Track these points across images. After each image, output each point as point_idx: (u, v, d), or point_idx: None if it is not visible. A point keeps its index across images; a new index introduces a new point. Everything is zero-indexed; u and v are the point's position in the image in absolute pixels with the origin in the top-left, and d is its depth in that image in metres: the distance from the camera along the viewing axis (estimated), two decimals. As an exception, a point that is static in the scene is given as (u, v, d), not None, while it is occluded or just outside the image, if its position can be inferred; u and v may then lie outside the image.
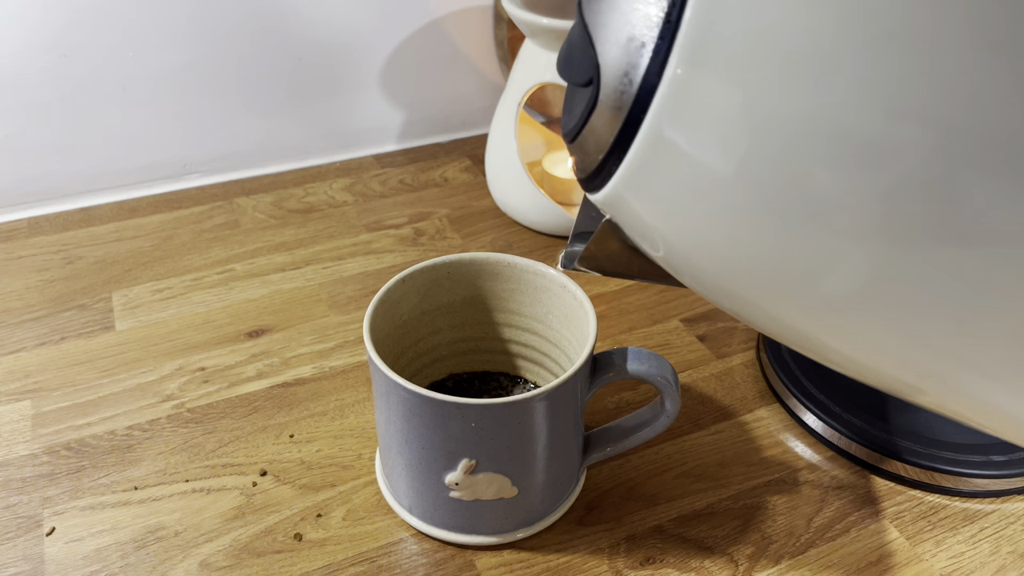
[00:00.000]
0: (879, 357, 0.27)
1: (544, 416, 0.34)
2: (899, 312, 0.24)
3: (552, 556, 0.38)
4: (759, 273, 0.25)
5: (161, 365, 0.48)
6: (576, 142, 0.27)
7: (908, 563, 0.38)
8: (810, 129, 0.22)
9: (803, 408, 0.45)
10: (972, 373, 0.26)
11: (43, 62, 0.58)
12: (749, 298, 0.27)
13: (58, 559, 0.38)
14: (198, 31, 0.61)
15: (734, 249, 0.25)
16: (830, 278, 0.24)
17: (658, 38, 0.22)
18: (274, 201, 0.64)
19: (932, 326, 0.24)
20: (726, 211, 0.24)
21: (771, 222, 0.24)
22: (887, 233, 0.23)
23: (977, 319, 0.24)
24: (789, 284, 0.25)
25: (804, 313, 0.26)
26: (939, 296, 0.23)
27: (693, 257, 0.27)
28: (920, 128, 0.21)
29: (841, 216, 0.23)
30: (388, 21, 0.67)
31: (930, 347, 0.25)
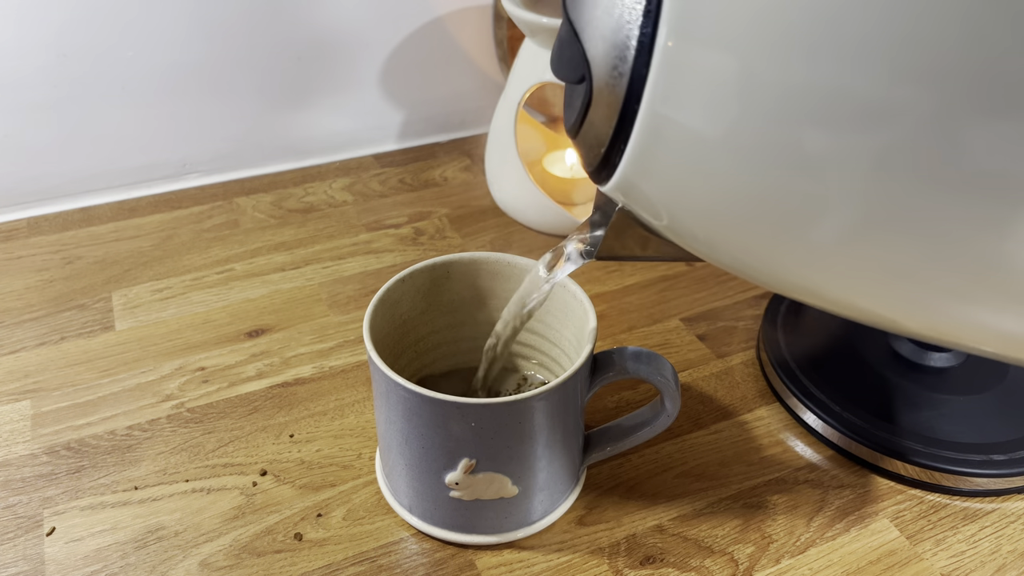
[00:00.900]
0: (868, 295, 0.28)
1: (544, 416, 0.34)
2: (885, 250, 0.25)
3: (552, 556, 0.38)
4: (762, 228, 0.26)
5: (161, 365, 0.48)
6: (579, 137, 0.27)
7: (908, 562, 0.38)
8: (795, 92, 0.23)
9: (803, 407, 0.45)
10: (952, 299, 0.27)
11: (42, 62, 0.58)
12: (758, 254, 0.28)
13: (58, 559, 0.38)
14: (198, 31, 0.61)
15: (740, 210, 0.26)
16: (827, 226, 0.25)
17: (641, 28, 0.23)
18: (274, 201, 0.64)
19: (914, 260, 0.26)
20: (730, 177, 0.25)
21: (770, 181, 0.24)
22: (875, 184, 0.24)
23: (957, 251, 0.25)
24: (795, 235, 0.26)
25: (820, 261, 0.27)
26: (922, 235, 0.25)
27: (705, 226, 0.27)
28: (910, 85, 0.22)
29: (830, 171, 0.24)
30: (387, 20, 0.67)
31: (914, 280, 0.27)
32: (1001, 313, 0.27)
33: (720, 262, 0.30)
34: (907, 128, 0.22)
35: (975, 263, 0.25)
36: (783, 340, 0.48)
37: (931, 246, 0.25)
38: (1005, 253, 0.24)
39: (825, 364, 0.46)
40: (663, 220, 0.28)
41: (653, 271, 0.57)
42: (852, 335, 0.48)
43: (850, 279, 0.27)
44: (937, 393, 0.45)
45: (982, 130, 0.22)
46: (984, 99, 0.22)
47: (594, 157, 0.27)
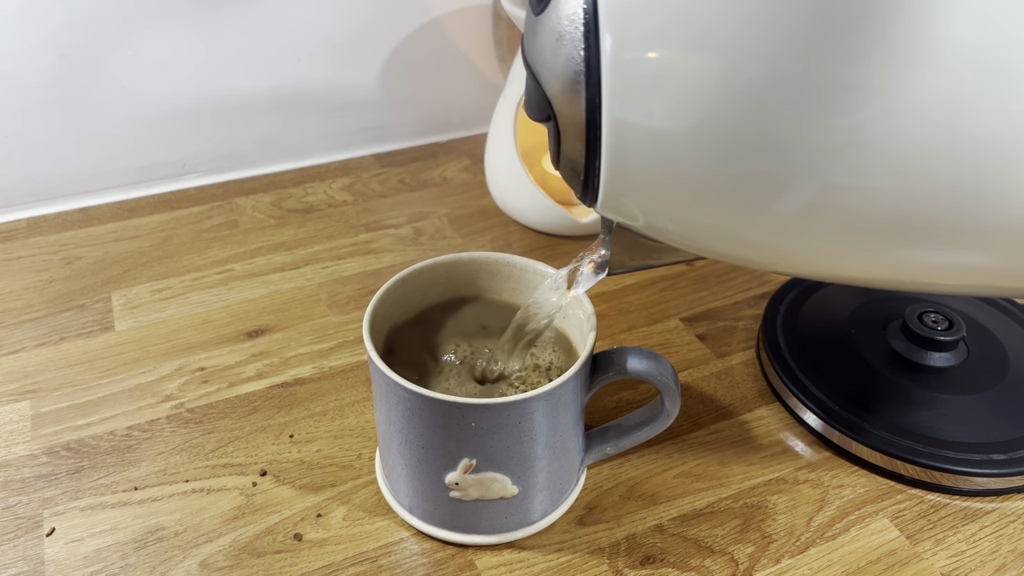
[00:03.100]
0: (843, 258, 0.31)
1: (544, 416, 0.34)
2: (847, 220, 0.28)
3: (552, 556, 0.38)
4: (734, 212, 0.29)
5: (160, 365, 0.48)
6: (560, 169, 0.30)
7: (908, 562, 0.38)
8: (741, 82, 0.25)
9: (803, 407, 0.45)
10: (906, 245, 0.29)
11: (42, 62, 0.58)
12: (739, 238, 0.30)
13: (58, 560, 0.38)
14: (197, 31, 0.61)
15: (711, 197, 0.28)
16: (788, 200, 0.28)
17: (584, 61, 0.26)
18: (273, 201, 0.64)
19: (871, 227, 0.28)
20: (695, 169, 0.27)
21: (732, 166, 0.27)
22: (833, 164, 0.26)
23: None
24: (763, 212, 0.29)
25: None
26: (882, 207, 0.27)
27: (687, 222, 0.30)
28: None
29: (780, 152, 0.26)
30: (387, 20, 0.67)
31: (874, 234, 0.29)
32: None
33: (713, 253, 0.32)
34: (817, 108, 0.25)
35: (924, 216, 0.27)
36: (783, 340, 0.48)
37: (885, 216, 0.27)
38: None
39: (825, 364, 0.46)
40: (649, 225, 0.30)
41: (652, 271, 0.57)
42: (852, 335, 0.48)
43: (817, 241, 0.29)
44: (937, 393, 0.45)
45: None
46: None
47: (577, 185, 0.30)
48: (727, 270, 0.57)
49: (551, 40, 0.27)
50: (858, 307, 0.50)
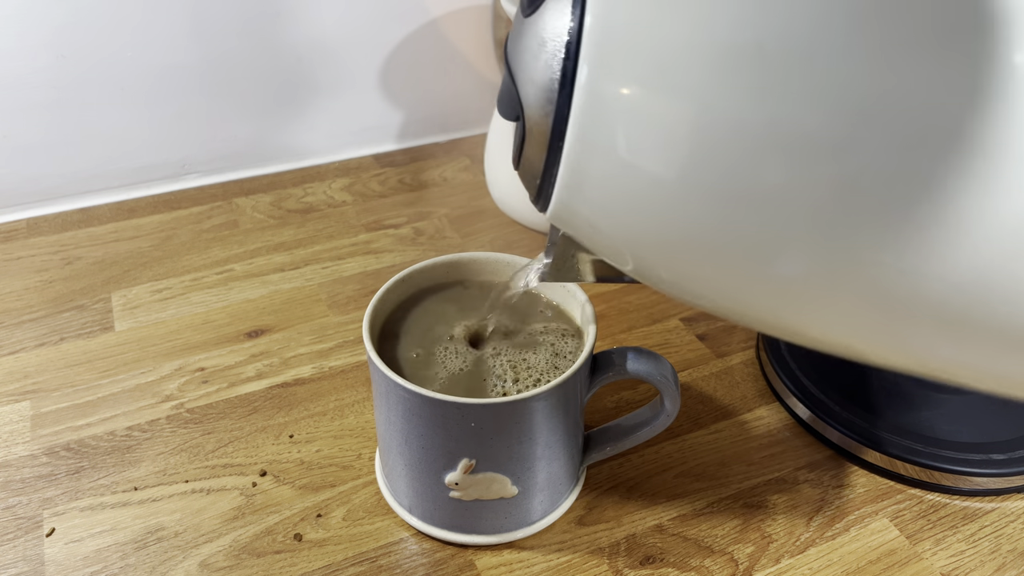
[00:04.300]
0: (826, 328, 0.30)
1: (544, 416, 0.34)
2: (841, 289, 0.28)
3: (552, 556, 0.38)
4: (683, 251, 0.29)
5: (160, 365, 0.48)
6: (519, 169, 0.31)
7: (908, 562, 0.38)
8: (706, 127, 0.25)
9: (803, 407, 0.45)
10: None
11: (41, 62, 0.58)
12: (681, 274, 0.30)
13: (58, 560, 0.38)
14: (197, 31, 0.61)
15: (661, 232, 0.28)
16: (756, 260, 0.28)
17: (562, 72, 0.26)
18: (273, 201, 0.64)
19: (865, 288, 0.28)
20: (649, 202, 0.28)
21: (686, 208, 0.27)
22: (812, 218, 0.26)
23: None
24: (708, 256, 0.29)
25: (748, 290, 0.30)
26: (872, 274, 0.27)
27: (632, 247, 0.30)
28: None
29: (740, 203, 0.26)
30: (387, 20, 0.67)
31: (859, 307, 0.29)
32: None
33: (653, 283, 0.33)
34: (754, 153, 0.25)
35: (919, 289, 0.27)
36: (783, 340, 0.48)
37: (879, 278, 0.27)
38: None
39: (825, 364, 0.46)
40: (595, 243, 0.31)
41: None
42: (852, 335, 0.48)
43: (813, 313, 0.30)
44: (937, 393, 0.45)
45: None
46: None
47: (532, 188, 0.30)
48: (727, 270, 0.57)
49: (534, 44, 0.27)
50: (858, 307, 0.50)
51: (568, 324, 0.39)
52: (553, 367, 0.36)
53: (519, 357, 0.37)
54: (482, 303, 0.40)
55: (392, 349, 0.37)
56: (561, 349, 0.37)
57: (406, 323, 0.39)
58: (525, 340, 0.38)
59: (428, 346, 0.37)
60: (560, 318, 0.39)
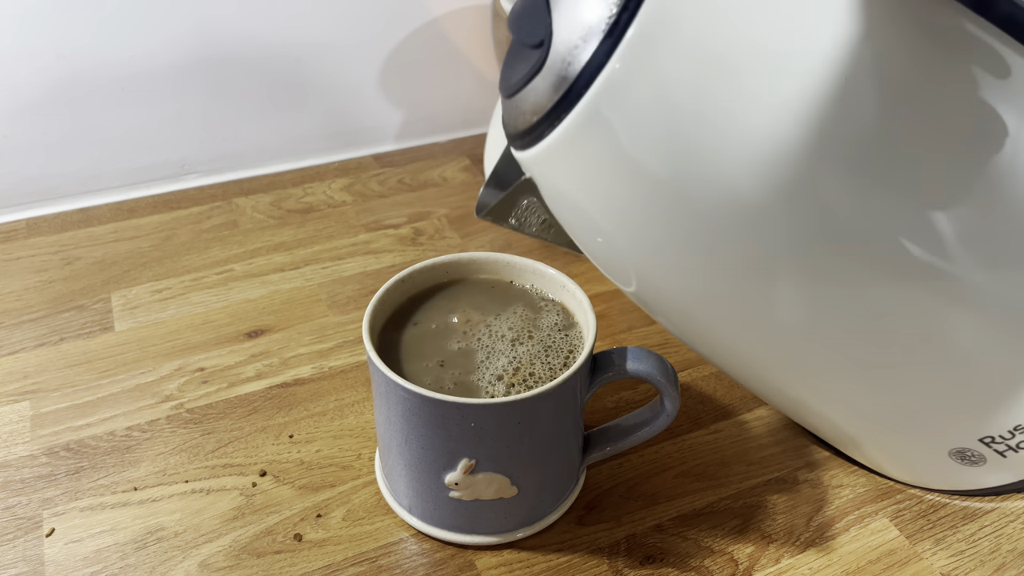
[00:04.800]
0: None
1: (544, 416, 0.34)
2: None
3: (552, 556, 0.38)
4: (655, 246, 0.28)
5: (160, 366, 0.48)
6: (513, 99, 0.28)
7: (908, 561, 0.38)
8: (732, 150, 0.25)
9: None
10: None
11: (41, 62, 0.58)
12: (643, 266, 0.30)
13: (58, 560, 0.38)
14: (197, 31, 0.61)
15: (637, 222, 0.27)
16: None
17: (612, 23, 0.24)
18: (273, 201, 0.64)
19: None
20: (639, 201, 0.26)
21: (670, 211, 0.27)
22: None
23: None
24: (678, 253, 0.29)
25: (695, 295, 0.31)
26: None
27: (604, 222, 0.29)
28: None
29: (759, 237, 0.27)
30: (386, 20, 0.67)
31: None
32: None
33: (607, 266, 0.31)
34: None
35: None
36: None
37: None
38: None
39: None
40: (562, 203, 0.29)
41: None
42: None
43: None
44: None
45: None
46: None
47: (523, 123, 0.27)
48: (727, 270, 0.57)
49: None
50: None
51: (568, 324, 0.39)
52: (553, 367, 0.36)
53: (519, 357, 0.37)
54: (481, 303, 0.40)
55: (392, 349, 0.37)
56: (561, 349, 0.37)
57: (406, 323, 0.38)
58: (525, 340, 0.38)
59: (428, 346, 0.37)
60: (560, 317, 0.39)
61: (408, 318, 0.39)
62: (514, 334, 0.38)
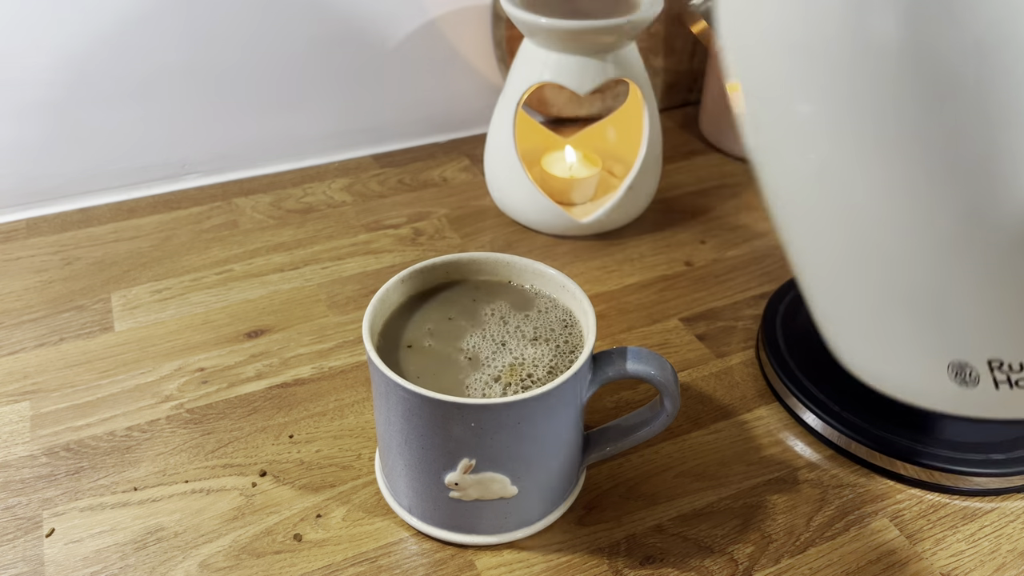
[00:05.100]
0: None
1: (544, 416, 0.34)
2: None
3: (552, 556, 0.38)
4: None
5: (160, 366, 0.48)
6: None
7: (908, 561, 0.38)
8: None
9: (802, 407, 0.45)
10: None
11: (41, 63, 0.58)
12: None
13: (58, 560, 0.38)
14: (196, 31, 0.61)
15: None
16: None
17: None
18: (272, 201, 0.64)
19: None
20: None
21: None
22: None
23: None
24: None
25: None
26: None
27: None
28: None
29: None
30: (386, 20, 0.67)
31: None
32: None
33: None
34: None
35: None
36: (782, 339, 0.48)
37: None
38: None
39: (825, 364, 0.46)
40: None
41: (652, 271, 0.57)
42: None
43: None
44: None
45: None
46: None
47: None
48: (727, 270, 0.57)
49: None
50: (857, 307, 0.50)
51: (568, 324, 0.39)
52: (553, 367, 0.36)
53: (519, 357, 0.37)
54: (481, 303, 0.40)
55: (392, 349, 0.37)
56: (561, 349, 0.37)
57: (406, 323, 0.38)
58: (525, 340, 0.38)
59: (428, 346, 0.37)
60: (560, 318, 0.39)
61: (408, 318, 0.39)
62: (514, 334, 0.38)
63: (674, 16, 0.72)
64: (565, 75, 0.54)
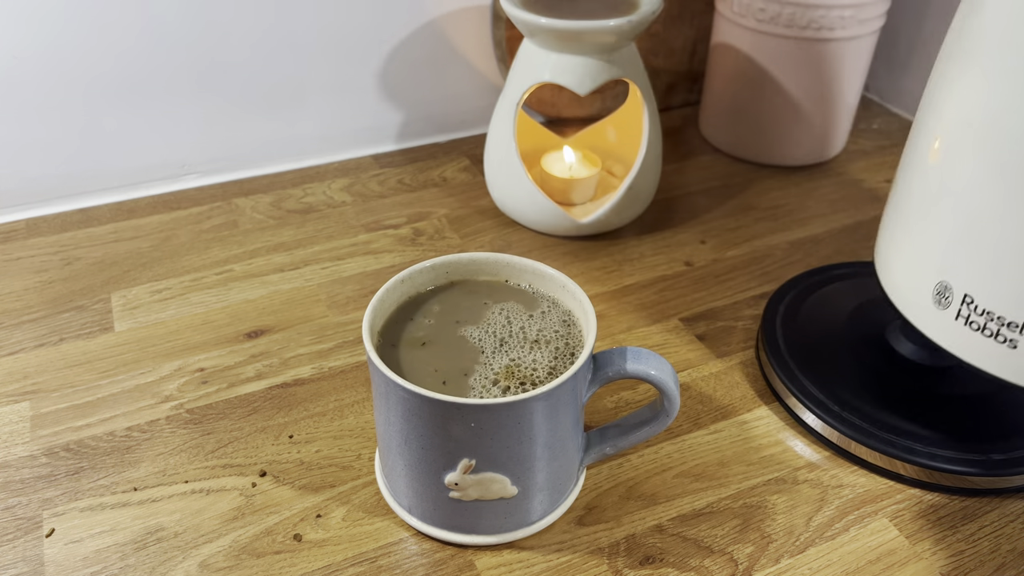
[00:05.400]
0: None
1: (544, 416, 0.34)
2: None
3: (552, 556, 0.38)
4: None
5: (160, 366, 0.48)
6: None
7: (908, 561, 0.38)
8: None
9: (802, 407, 0.45)
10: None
11: (40, 63, 0.58)
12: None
13: (58, 560, 0.38)
14: (196, 31, 0.61)
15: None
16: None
17: None
18: (272, 201, 0.64)
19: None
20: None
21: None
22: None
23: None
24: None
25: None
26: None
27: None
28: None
29: None
30: (386, 20, 0.67)
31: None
32: None
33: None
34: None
35: None
36: (782, 340, 0.48)
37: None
38: None
39: (825, 364, 0.46)
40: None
41: (652, 271, 0.57)
42: (851, 335, 0.48)
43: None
44: (937, 393, 0.45)
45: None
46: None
47: None
48: (726, 270, 0.57)
49: None
50: (857, 307, 0.50)
51: (568, 324, 0.39)
52: (553, 367, 0.36)
53: (519, 357, 0.37)
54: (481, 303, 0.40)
55: (392, 349, 0.37)
56: (561, 349, 0.37)
57: (406, 323, 0.39)
58: (525, 340, 0.38)
59: (428, 346, 0.37)
60: (559, 318, 0.39)
61: (408, 318, 0.39)
62: (514, 334, 0.38)
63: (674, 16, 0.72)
64: (565, 75, 0.54)
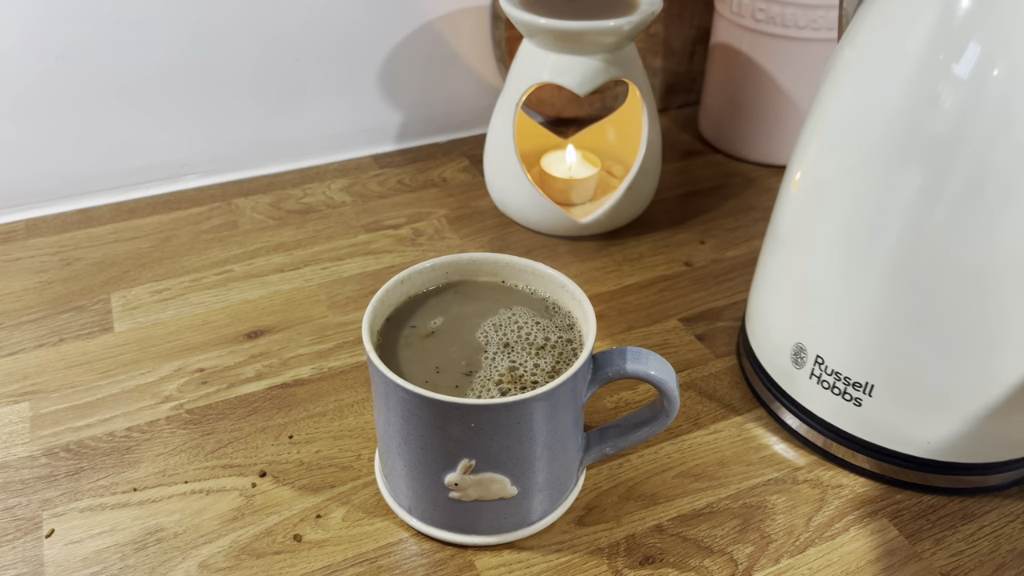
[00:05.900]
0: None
1: (543, 416, 0.34)
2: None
3: (552, 556, 0.38)
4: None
5: (160, 366, 0.48)
6: None
7: (907, 561, 0.38)
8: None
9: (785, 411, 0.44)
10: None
11: (40, 63, 0.58)
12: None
13: (57, 561, 0.38)
14: (196, 31, 0.61)
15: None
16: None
17: None
18: (272, 202, 0.64)
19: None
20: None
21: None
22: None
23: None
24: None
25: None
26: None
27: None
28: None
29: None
30: (386, 21, 0.67)
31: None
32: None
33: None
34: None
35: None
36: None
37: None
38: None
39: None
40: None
41: (652, 271, 0.57)
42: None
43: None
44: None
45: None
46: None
47: None
48: (726, 270, 0.57)
49: None
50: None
51: (567, 324, 0.39)
52: (553, 367, 0.36)
53: (518, 357, 0.37)
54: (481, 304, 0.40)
55: (392, 350, 0.37)
56: (561, 349, 0.37)
57: (405, 324, 0.39)
58: (524, 340, 0.38)
59: (428, 346, 0.37)
60: (559, 318, 0.39)
61: (408, 319, 0.39)
62: (514, 335, 0.38)
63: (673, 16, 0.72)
64: (565, 75, 0.54)
